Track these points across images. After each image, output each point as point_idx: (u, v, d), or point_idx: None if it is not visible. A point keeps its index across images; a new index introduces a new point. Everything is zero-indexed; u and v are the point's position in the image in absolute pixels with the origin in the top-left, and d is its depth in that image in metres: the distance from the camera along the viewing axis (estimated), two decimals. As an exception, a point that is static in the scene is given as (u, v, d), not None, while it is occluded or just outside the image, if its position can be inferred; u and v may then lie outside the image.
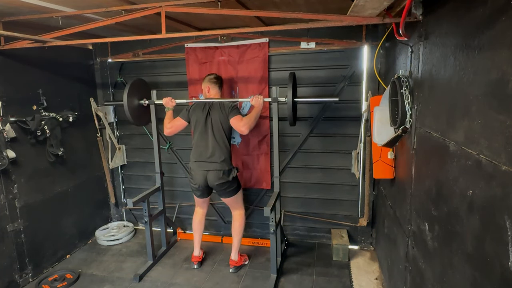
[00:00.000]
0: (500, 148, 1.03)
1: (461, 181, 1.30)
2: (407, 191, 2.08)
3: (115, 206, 4.21)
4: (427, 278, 1.69)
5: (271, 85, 3.43)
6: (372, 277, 3.00)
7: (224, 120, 2.94)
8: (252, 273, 3.18)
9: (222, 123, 2.95)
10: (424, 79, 1.78)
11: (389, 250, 2.68)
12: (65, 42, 2.70)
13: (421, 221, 1.79)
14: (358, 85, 3.30)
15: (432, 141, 1.62)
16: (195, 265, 3.26)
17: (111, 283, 3.06)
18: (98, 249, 3.69)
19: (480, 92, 1.17)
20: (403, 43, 2.23)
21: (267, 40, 3.35)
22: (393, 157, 2.51)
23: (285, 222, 3.69)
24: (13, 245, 2.93)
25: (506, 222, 0.99)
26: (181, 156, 3.92)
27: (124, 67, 3.88)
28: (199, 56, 3.54)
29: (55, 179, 3.38)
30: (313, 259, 3.37)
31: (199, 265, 3.29)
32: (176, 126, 3.08)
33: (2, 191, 2.83)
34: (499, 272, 1.02)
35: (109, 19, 2.44)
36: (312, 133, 3.49)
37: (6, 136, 2.79)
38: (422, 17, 1.82)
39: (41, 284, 3.03)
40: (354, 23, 2.04)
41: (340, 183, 3.52)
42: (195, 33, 2.94)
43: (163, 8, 2.31)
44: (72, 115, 3.43)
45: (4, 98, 2.82)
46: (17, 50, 2.78)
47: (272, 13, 2.27)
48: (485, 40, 1.14)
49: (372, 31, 3.14)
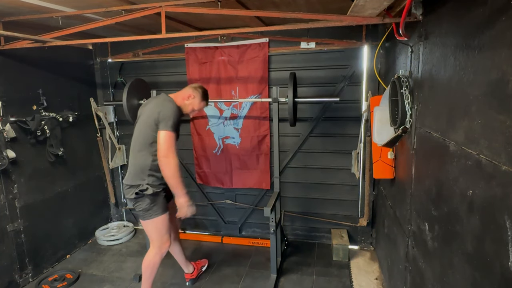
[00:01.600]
0: (500, 148, 1.03)
1: (461, 181, 1.30)
2: (407, 191, 2.08)
3: (115, 206, 4.21)
4: (427, 278, 1.69)
5: (271, 85, 3.43)
6: (372, 277, 2.99)
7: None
8: (252, 273, 3.18)
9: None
10: (424, 79, 1.78)
11: (389, 250, 2.68)
12: (65, 42, 2.70)
13: (421, 221, 1.79)
14: (358, 85, 3.30)
15: (432, 141, 1.62)
16: (187, 282, 2.98)
17: (111, 283, 3.05)
18: (98, 249, 3.69)
19: (480, 92, 1.17)
20: (403, 43, 2.23)
21: (267, 40, 3.35)
22: (393, 157, 2.51)
23: (285, 222, 3.69)
24: (13, 245, 2.93)
25: (506, 222, 0.99)
26: (181, 156, 3.91)
27: (124, 67, 3.87)
28: (199, 56, 3.54)
29: (55, 179, 3.37)
30: (313, 259, 3.37)
31: (192, 282, 2.99)
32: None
33: (2, 191, 2.83)
34: (499, 272, 1.02)
35: (109, 19, 2.44)
36: (312, 133, 3.49)
37: (6, 136, 2.79)
38: (422, 17, 1.82)
39: (41, 284, 3.03)
40: (354, 23, 2.04)
41: (340, 183, 3.52)
42: (195, 33, 2.94)
43: (163, 8, 2.31)
44: (72, 115, 3.43)
45: (4, 98, 2.82)
46: (17, 50, 2.77)
47: (272, 13, 2.27)
48: (485, 40, 1.14)
49: (372, 31, 3.14)
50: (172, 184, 2.29)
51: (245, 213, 3.86)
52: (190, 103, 2.47)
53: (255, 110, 3.52)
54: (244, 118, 3.56)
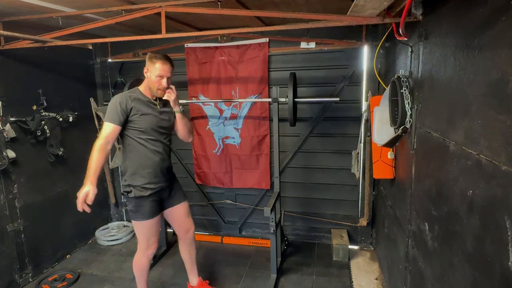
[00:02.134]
0: (500, 148, 1.03)
1: (461, 181, 1.30)
2: (407, 191, 2.08)
3: (115, 206, 4.21)
4: (427, 278, 1.68)
5: (271, 85, 3.43)
6: (372, 277, 2.99)
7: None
8: (252, 273, 3.18)
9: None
10: (424, 79, 1.78)
11: (389, 250, 2.68)
12: (65, 42, 2.70)
13: (421, 221, 1.79)
14: (358, 85, 3.30)
15: (432, 141, 1.62)
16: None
17: (111, 283, 3.05)
18: (98, 249, 3.69)
19: (480, 92, 1.17)
20: (403, 43, 2.23)
21: (267, 40, 3.35)
22: (393, 157, 2.51)
23: (285, 222, 3.69)
24: (13, 245, 2.92)
25: (506, 222, 0.99)
26: (181, 156, 3.92)
27: (124, 67, 3.87)
28: (199, 56, 3.54)
29: (55, 179, 3.37)
30: (313, 259, 3.37)
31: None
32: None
33: (2, 191, 2.83)
34: (499, 272, 1.02)
35: (109, 19, 2.44)
36: (312, 133, 3.49)
37: (6, 136, 2.79)
38: (422, 17, 1.82)
39: (41, 284, 3.03)
40: (354, 23, 2.04)
41: (340, 183, 3.52)
42: (195, 33, 2.94)
43: (163, 8, 2.31)
44: (72, 115, 3.43)
45: (4, 98, 2.82)
46: (17, 50, 2.77)
47: (272, 13, 2.27)
48: (485, 40, 1.14)
49: (372, 31, 3.13)
50: (91, 157, 2.16)
51: (245, 213, 3.86)
52: (149, 79, 2.21)
53: (255, 110, 3.52)
54: (244, 118, 3.56)
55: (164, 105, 2.34)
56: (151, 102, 2.28)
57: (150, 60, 2.19)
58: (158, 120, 2.28)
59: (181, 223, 2.54)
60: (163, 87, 2.20)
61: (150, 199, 2.29)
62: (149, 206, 2.29)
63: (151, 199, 2.29)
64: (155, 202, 2.33)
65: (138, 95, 2.25)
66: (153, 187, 2.28)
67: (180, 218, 2.51)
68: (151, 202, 2.30)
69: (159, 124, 2.28)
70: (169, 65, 2.20)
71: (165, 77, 2.18)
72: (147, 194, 2.26)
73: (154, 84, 2.19)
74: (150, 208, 2.29)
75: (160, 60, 2.17)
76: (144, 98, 2.26)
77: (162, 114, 2.31)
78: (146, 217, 2.29)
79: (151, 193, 2.28)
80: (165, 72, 2.18)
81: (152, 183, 2.28)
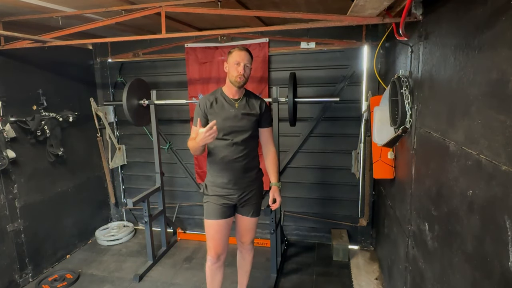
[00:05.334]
0: (500, 148, 1.03)
1: (461, 181, 1.30)
2: (407, 191, 2.08)
3: (115, 206, 4.21)
4: (427, 278, 1.68)
5: (271, 85, 3.43)
6: (372, 277, 3.00)
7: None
8: (252, 273, 3.17)
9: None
10: (424, 79, 1.78)
11: (389, 250, 2.68)
12: (65, 42, 2.70)
13: (421, 221, 1.79)
14: (358, 85, 3.30)
15: (432, 141, 1.62)
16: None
17: (111, 283, 3.05)
18: (98, 249, 3.69)
19: (480, 92, 1.17)
20: (403, 43, 2.23)
21: (267, 40, 3.35)
22: (393, 157, 2.51)
23: (285, 222, 3.69)
24: (13, 245, 2.93)
25: (506, 222, 0.99)
26: (181, 156, 3.92)
27: (124, 67, 3.87)
28: (199, 56, 3.54)
29: (55, 179, 3.37)
30: (313, 259, 3.37)
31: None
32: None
33: (2, 191, 2.83)
34: (499, 272, 1.02)
35: (109, 19, 2.44)
36: (312, 133, 3.49)
37: (6, 136, 2.79)
38: (422, 17, 1.82)
39: (41, 284, 3.03)
40: (354, 23, 2.04)
41: (340, 183, 3.52)
42: (195, 33, 2.94)
43: (163, 8, 2.31)
44: (72, 115, 3.43)
45: (4, 98, 2.82)
46: (17, 50, 2.77)
47: (272, 13, 2.27)
48: (485, 40, 1.14)
49: (372, 31, 3.13)
50: (191, 148, 2.12)
51: (245, 213, 3.85)
52: (228, 72, 2.20)
53: (255, 110, 3.51)
54: (244, 118, 3.55)
55: (244, 107, 2.24)
56: (229, 101, 2.21)
57: (229, 53, 2.19)
58: (235, 120, 2.19)
59: (241, 233, 2.59)
60: (240, 73, 2.12)
61: (216, 203, 2.29)
62: (213, 207, 2.29)
63: (217, 203, 2.29)
64: (224, 206, 2.31)
65: (217, 94, 2.23)
66: (223, 194, 2.28)
67: (240, 228, 2.54)
68: (217, 205, 2.29)
69: (234, 124, 2.19)
70: (245, 52, 2.16)
71: (241, 63, 2.13)
72: (212, 194, 2.29)
73: (233, 73, 2.14)
74: (214, 209, 2.30)
75: (236, 48, 2.18)
76: (222, 96, 2.22)
77: (240, 114, 2.21)
78: (208, 216, 2.31)
79: (219, 196, 2.28)
80: (241, 58, 2.13)
81: (220, 185, 2.27)
